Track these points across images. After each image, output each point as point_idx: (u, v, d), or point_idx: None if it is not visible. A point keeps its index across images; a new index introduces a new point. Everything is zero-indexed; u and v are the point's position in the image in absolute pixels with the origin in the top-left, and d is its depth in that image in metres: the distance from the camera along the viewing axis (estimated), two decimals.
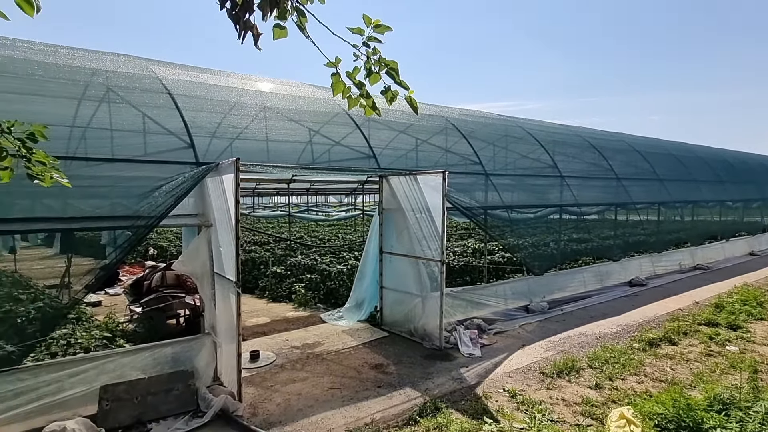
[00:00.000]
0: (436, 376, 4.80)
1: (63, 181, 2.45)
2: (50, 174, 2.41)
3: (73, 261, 6.94)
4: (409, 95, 2.28)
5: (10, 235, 12.62)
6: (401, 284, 6.31)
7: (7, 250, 12.93)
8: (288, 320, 6.99)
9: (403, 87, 2.20)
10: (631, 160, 11.48)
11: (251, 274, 9.46)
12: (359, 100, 2.17)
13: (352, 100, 2.16)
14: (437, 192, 5.62)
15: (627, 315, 7.15)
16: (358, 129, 6.70)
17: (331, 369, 4.99)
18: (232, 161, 3.96)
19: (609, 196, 9.87)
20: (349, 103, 2.18)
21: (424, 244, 5.90)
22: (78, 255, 9.20)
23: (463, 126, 8.33)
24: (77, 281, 4.20)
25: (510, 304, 7.14)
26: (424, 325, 5.89)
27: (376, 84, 2.24)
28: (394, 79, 2.17)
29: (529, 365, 5.08)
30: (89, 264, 4.33)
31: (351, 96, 2.13)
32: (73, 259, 6.89)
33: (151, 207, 4.19)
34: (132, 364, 4.15)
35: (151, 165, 4.63)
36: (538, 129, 10.14)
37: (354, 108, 2.29)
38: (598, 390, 4.43)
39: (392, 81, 2.20)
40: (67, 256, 9.15)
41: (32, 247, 15.72)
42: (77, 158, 4.34)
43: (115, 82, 5.15)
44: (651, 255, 10.29)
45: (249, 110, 6.04)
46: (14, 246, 13.05)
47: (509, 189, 7.98)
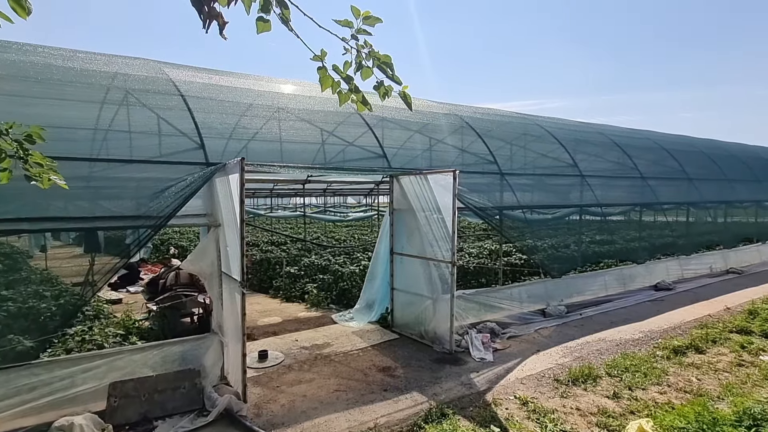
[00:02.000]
0: (445, 380, 4.67)
1: (60, 182, 2.48)
2: (48, 176, 2.44)
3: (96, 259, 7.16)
4: (403, 90, 2.18)
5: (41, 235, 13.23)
6: (412, 286, 6.21)
7: (38, 249, 13.51)
8: (299, 320, 6.99)
9: (396, 82, 2.11)
10: (658, 159, 10.98)
11: (266, 274, 9.55)
12: (350, 96, 2.09)
13: (342, 96, 2.08)
14: (448, 192, 5.49)
15: (651, 321, 6.81)
16: (370, 130, 6.63)
17: (338, 371, 4.93)
18: (237, 161, 3.96)
19: (633, 197, 9.46)
20: (340, 98, 2.10)
21: (435, 245, 5.77)
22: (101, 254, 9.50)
23: (478, 125, 8.14)
24: (99, 279, 4.30)
25: (526, 307, 6.92)
26: (435, 328, 5.76)
27: (369, 79, 2.16)
28: (386, 74, 2.09)
29: (543, 372, 4.88)
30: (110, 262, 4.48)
31: (341, 91, 2.06)
32: (97, 257, 7.10)
33: (160, 207, 4.24)
34: (141, 362, 4.21)
35: (163, 166, 4.69)
36: (558, 127, 9.83)
37: (364, 108, 2.22)
38: (616, 400, 4.21)
39: (385, 76, 2.12)
40: (91, 255, 9.51)
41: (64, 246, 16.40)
42: (96, 159, 4.45)
43: (131, 85, 5.26)
44: (679, 258, 9.80)
45: (262, 111, 6.07)
46: (45, 245, 13.62)
47: (526, 189, 7.75)
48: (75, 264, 12.14)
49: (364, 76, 2.11)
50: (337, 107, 6.83)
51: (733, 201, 11.92)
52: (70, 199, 4.10)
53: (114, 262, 4.13)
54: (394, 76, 2.13)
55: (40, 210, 3.96)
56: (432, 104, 8.47)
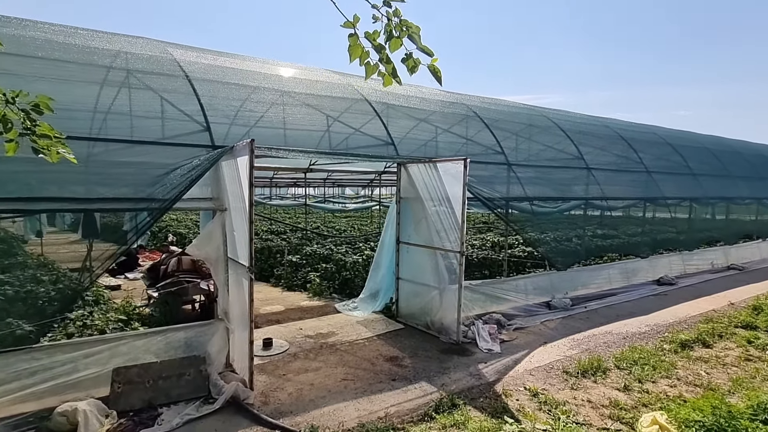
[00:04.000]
0: (453, 371, 4.61)
1: (69, 156, 2.36)
2: (56, 149, 2.31)
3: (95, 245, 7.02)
4: (433, 63, 2.07)
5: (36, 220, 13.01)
6: (418, 275, 6.13)
7: (34, 234, 13.32)
8: (302, 309, 6.91)
9: (426, 53, 2.00)
10: (662, 154, 10.92)
11: (267, 263, 9.44)
12: (377, 68, 1.98)
13: (370, 68, 1.97)
14: (457, 180, 5.39)
15: (656, 314, 6.79)
16: (378, 116, 6.50)
17: (345, 360, 4.86)
18: (246, 143, 3.84)
19: (638, 191, 9.40)
20: (367, 71, 1.99)
21: (443, 235, 5.69)
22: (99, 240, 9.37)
23: (485, 114, 8.02)
24: (99, 265, 4.17)
25: (531, 299, 6.87)
26: (442, 319, 5.70)
27: (396, 52, 2.05)
28: (416, 45, 1.98)
29: (552, 363, 4.84)
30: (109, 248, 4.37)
31: (369, 63, 1.95)
32: (96, 243, 6.97)
33: (165, 190, 4.11)
34: (145, 348, 4.11)
35: (167, 148, 4.55)
36: (564, 119, 9.72)
37: (372, 91, 2.11)
38: (626, 392, 4.17)
39: (414, 47, 2.00)
40: (89, 241, 9.35)
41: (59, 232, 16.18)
42: (97, 139, 4.30)
43: (134, 65, 5.09)
44: (681, 253, 9.79)
45: (267, 95, 5.91)
46: (41, 230, 13.42)
47: (533, 181, 7.65)
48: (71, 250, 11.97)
49: (393, 47, 2.01)
50: (343, 93, 6.68)
51: (735, 197, 11.89)
52: (66, 184, 3.93)
53: (114, 248, 4.01)
54: (425, 47, 2.02)
55: (34, 193, 3.82)
56: (439, 92, 8.33)
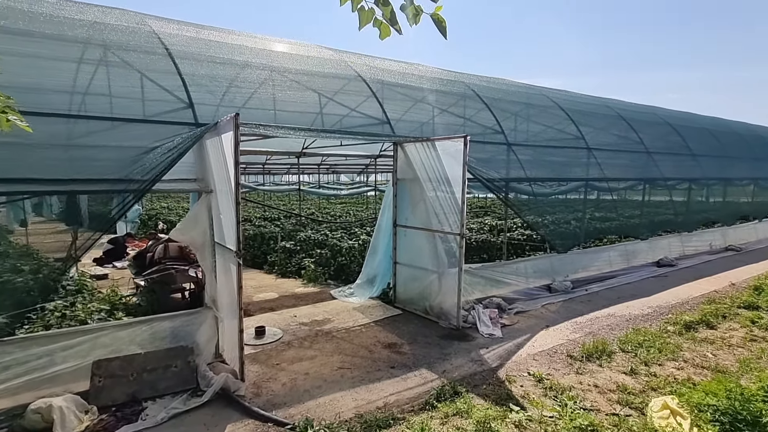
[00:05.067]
0: (454, 357, 4.43)
1: (22, 124, 2.07)
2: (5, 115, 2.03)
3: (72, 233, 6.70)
4: (436, 12, 1.80)
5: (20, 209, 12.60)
6: (416, 259, 5.92)
7: (17, 223, 12.90)
8: (297, 296, 6.69)
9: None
10: (662, 134, 10.72)
11: (260, 249, 9.19)
12: (373, 14, 1.70)
13: (365, 13, 1.69)
14: (457, 160, 5.14)
15: (658, 296, 6.66)
16: (373, 95, 6.18)
17: (341, 347, 4.66)
18: (230, 117, 3.54)
19: (638, 171, 9.21)
20: (361, 17, 1.71)
21: (442, 217, 5.46)
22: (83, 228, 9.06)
23: (484, 93, 7.73)
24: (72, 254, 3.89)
25: (531, 282, 6.71)
26: (441, 303, 5.51)
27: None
28: None
29: (555, 347, 4.68)
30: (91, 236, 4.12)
31: (363, 6, 1.67)
32: (74, 231, 6.65)
33: (144, 170, 3.82)
34: (129, 339, 3.87)
35: (148, 126, 4.24)
36: (564, 98, 9.45)
37: (367, 68, 1.84)
38: (633, 376, 4.02)
39: None
40: (73, 229, 9.01)
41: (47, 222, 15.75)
42: (70, 116, 3.97)
43: (111, 39, 4.72)
44: (681, 234, 9.67)
45: (256, 74, 5.54)
46: (25, 219, 12.99)
47: (533, 161, 7.41)
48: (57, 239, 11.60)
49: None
50: (337, 70, 6.34)
51: (732, 178, 11.78)
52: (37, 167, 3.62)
53: (90, 234, 3.72)
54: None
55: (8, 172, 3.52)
56: (437, 71, 8.00)
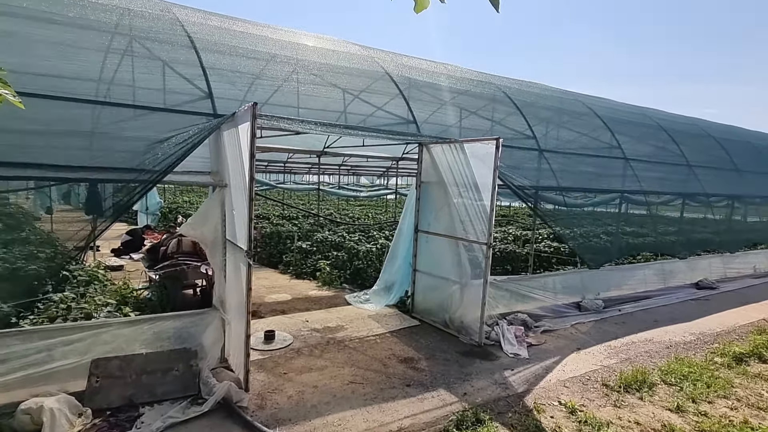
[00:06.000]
0: (476, 377, 4.06)
1: (12, 98, 1.85)
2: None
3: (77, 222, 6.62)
4: None
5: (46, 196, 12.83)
6: (437, 268, 5.57)
7: (44, 211, 13.14)
8: (310, 299, 6.43)
9: None
10: (704, 147, 10.04)
11: (276, 248, 9.00)
12: None
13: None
14: (486, 164, 4.79)
15: (700, 322, 6.10)
16: (401, 94, 5.85)
17: (354, 359, 4.35)
18: (248, 107, 3.30)
19: (678, 185, 8.61)
20: None
21: (468, 224, 5.10)
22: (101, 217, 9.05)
23: (516, 96, 7.33)
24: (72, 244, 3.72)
25: (560, 299, 6.26)
26: (462, 317, 5.15)
27: None
28: None
29: (588, 374, 4.25)
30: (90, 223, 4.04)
31: None
32: (80, 219, 6.57)
33: (156, 160, 3.62)
34: (131, 337, 3.66)
35: (161, 114, 4.05)
36: (600, 105, 8.93)
37: (395, 66, 1.54)
38: (680, 414, 3.56)
39: None
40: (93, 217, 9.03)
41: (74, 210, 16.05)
42: (98, 102, 3.82)
43: (137, 26, 4.58)
44: (722, 255, 8.99)
45: (279, 68, 5.31)
46: (51, 207, 13.22)
47: (566, 169, 6.96)
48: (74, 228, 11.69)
49: None
50: (363, 65, 6.07)
51: None
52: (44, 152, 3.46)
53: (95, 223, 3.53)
54: None
55: None
56: (467, 71, 7.65)
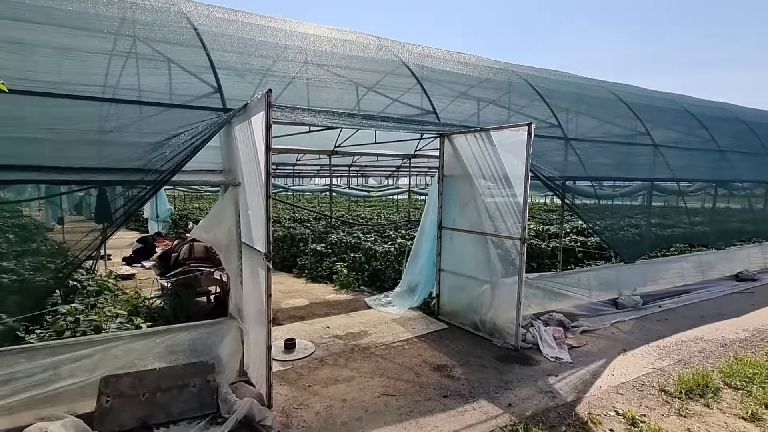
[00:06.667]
0: (518, 385, 3.70)
1: None
2: None
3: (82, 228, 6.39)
4: None
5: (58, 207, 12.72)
6: (464, 267, 5.22)
7: (55, 221, 13.05)
8: (329, 303, 6.12)
9: None
10: (735, 132, 9.53)
11: (290, 252, 8.72)
12: None
13: None
14: (515, 153, 4.43)
15: (750, 317, 5.65)
16: (418, 83, 5.51)
17: (382, 367, 4.02)
18: (262, 95, 3.00)
19: (711, 172, 8.13)
20: None
21: (498, 219, 4.74)
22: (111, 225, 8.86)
23: (537, 83, 6.95)
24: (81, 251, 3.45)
25: (594, 296, 5.85)
26: (494, 318, 4.78)
27: None
28: None
29: (642, 378, 3.85)
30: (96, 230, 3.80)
31: None
32: (84, 224, 6.33)
33: (163, 158, 3.33)
34: (143, 351, 3.38)
35: (168, 110, 3.77)
36: (625, 91, 8.51)
37: (409, 54, 1.21)
38: (757, 423, 3.16)
39: None
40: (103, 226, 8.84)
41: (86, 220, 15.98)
42: (100, 99, 3.56)
43: (136, 16, 4.32)
44: (762, 245, 8.49)
45: (289, 61, 5.01)
46: (62, 217, 13.12)
47: (594, 158, 6.55)
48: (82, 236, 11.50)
49: None
50: (377, 55, 5.74)
51: None
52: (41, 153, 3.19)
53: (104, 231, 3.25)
54: None
55: None
56: (483, 59, 7.28)
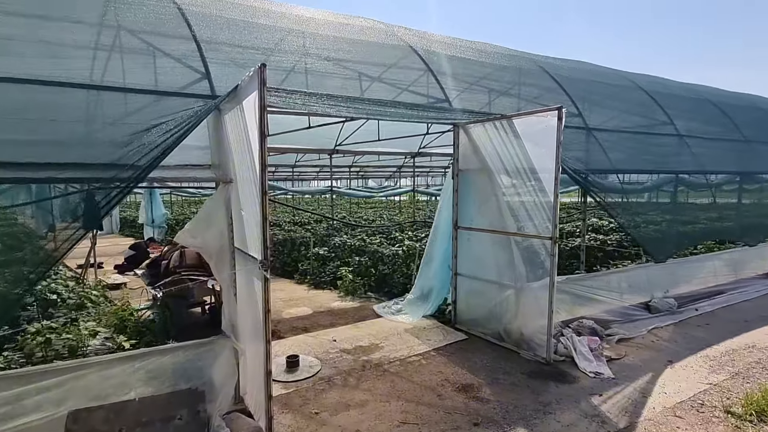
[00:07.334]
0: (558, 408, 3.19)
1: None
2: None
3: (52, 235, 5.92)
4: None
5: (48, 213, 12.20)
6: (483, 270, 4.72)
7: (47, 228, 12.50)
8: (334, 312, 5.61)
9: None
10: (756, 120, 9.04)
11: (290, 256, 8.22)
12: None
13: None
14: (543, 142, 3.95)
15: None
16: (429, 70, 5.01)
17: (399, 388, 3.51)
18: (254, 70, 2.51)
19: (738, 163, 7.64)
20: None
21: (523, 216, 4.25)
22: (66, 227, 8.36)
23: (554, 71, 6.47)
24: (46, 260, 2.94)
25: (626, 299, 5.34)
26: (521, 327, 4.28)
27: None
28: None
29: (699, 397, 3.35)
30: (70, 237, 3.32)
31: None
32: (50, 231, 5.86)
33: (140, 152, 2.85)
34: (120, 378, 2.87)
35: (146, 98, 3.28)
36: (644, 80, 8.03)
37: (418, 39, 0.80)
38: None
39: None
40: (93, 233, 8.34)
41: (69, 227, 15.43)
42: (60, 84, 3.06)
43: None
44: None
45: (287, 48, 4.52)
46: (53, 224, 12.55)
47: (617, 150, 6.06)
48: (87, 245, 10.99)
49: None
50: (383, 39, 5.25)
51: None
52: None
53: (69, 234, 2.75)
54: None
55: None
56: (495, 46, 6.78)
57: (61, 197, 6.20)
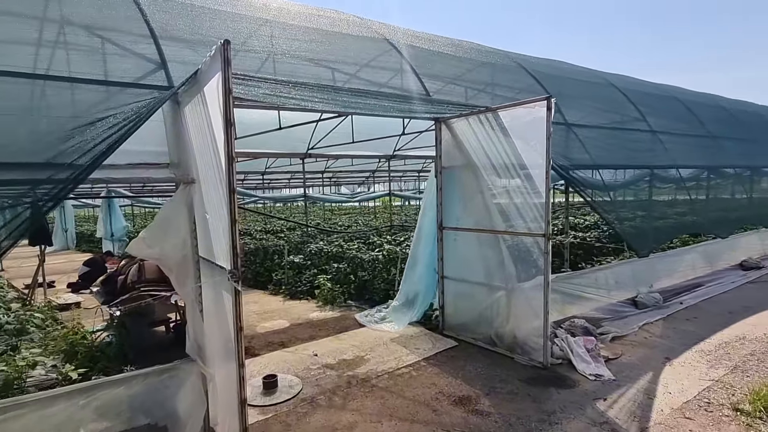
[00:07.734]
0: (564, 417, 2.96)
1: None
2: None
3: None
4: None
5: None
6: (471, 272, 4.49)
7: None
8: (313, 324, 5.23)
9: None
10: (721, 118, 9.37)
11: (263, 266, 7.75)
12: None
13: None
14: (530, 136, 3.76)
15: None
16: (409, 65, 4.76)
17: (390, 405, 3.19)
18: (216, 49, 2.15)
19: (706, 158, 7.83)
20: None
21: (512, 214, 4.04)
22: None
23: (532, 68, 6.38)
24: None
25: (613, 296, 5.26)
26: (514, 330, 4.06)
27: None
28: None
29: (704, 395, 3.20)
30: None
31: None
32: None
33: (82, 148, 2.42)
34: (63, 418, 2.41)
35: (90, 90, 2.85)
36: (617, 78, 8.15)
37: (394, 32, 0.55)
38: None
39: None
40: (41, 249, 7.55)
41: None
42: None
43: None
44: (759, 231, 8.24)
45: (253, 43, 4.16)
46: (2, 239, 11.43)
47: (597, 146, 6.01)
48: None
49: None
50: (360, 32, 4.97)
51: None
52: None
53: None
54: None
55: None
56: (476, 45, 6.63)
57: None
